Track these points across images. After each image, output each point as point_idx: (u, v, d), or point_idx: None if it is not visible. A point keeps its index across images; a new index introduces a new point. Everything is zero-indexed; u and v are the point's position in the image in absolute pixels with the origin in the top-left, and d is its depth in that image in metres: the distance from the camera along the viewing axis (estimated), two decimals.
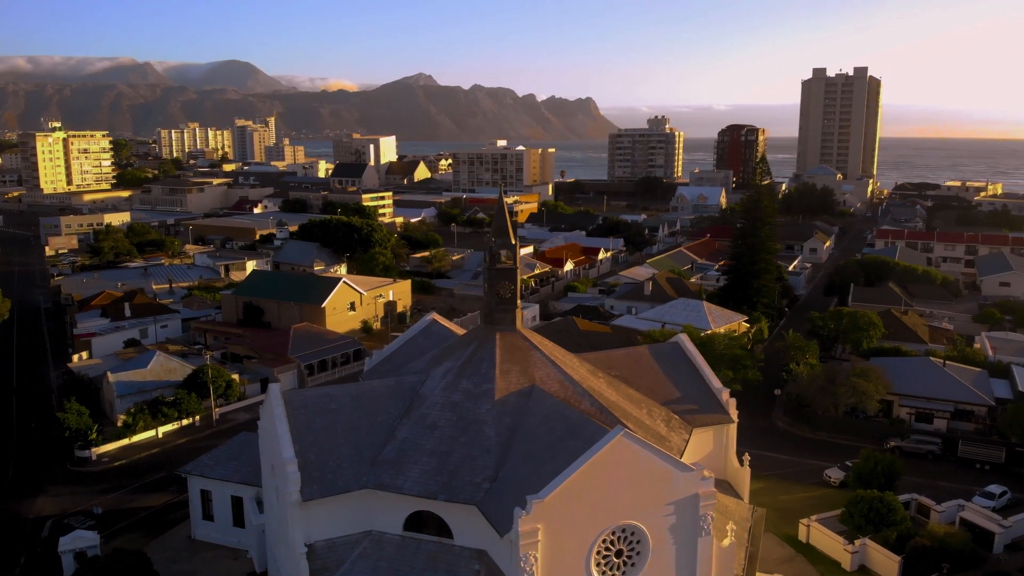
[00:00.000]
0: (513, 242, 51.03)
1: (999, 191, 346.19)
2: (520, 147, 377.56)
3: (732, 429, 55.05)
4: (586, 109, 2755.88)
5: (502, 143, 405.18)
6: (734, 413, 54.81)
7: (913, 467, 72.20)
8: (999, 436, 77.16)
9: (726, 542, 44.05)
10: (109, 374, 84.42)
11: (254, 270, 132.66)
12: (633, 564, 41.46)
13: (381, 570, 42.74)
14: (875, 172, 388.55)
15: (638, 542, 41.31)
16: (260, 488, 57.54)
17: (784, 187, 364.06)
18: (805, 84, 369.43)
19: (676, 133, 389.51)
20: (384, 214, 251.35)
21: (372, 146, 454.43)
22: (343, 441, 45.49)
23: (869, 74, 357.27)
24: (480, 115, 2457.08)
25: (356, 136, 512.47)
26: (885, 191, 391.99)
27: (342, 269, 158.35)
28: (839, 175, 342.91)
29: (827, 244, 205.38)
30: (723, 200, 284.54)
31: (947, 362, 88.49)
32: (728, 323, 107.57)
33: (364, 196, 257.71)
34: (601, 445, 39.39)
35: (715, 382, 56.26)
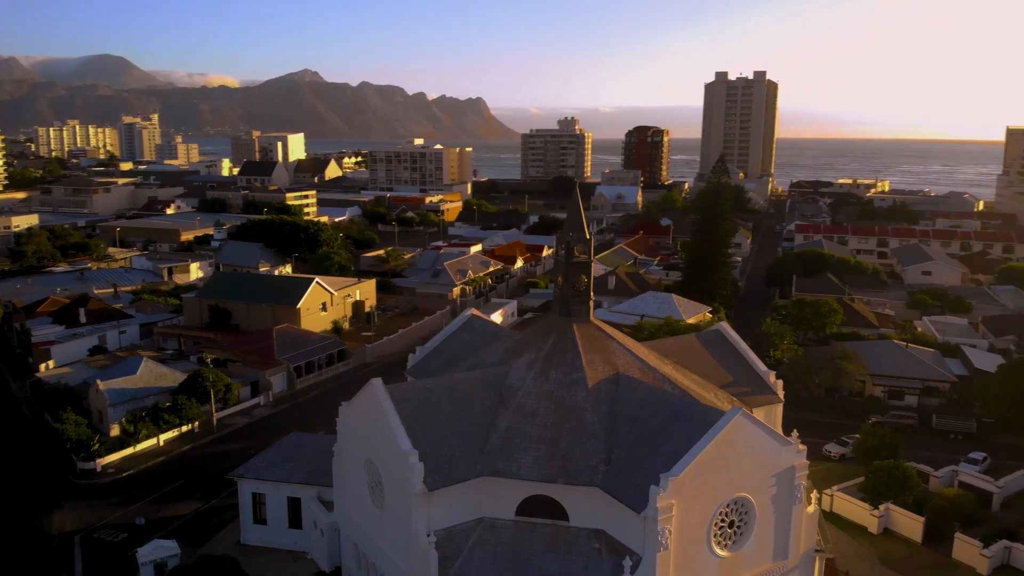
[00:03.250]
0: (588, 237, 53.08)
1: (887, 187, 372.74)
2: (438, 146, 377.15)
3: (779, 408, 58.99)
4: (477, 109, 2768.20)
5: (419, 142, 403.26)
6: (781, 394, 58.77)
7: None
8: (977, 408, 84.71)
9: (811, 509, 47.67)
10: (100, 382, 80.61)
11: (219, 271, 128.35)
12: (742, 533, 44.42)
13: (501, 555, 43.98)
14: (773, 171, 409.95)
15: (746, 512, 44.30)
16: (321, 488, 57.40)
17: (687, 186, 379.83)
18: (708, 87, 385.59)
19: (585, 134, 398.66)
20: (308, 213, 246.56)
21: (280, 144, 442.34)
22: (450, 432, 46.36)
23: (767, 78, 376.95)
24: (369, 113, 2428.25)
25: (257, 134, 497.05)
26: (780, 189, 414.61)
27: (287, 270, 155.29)
28: (741, 174, 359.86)
29: (748, 239, 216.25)
30: (639, 199, 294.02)
31: (908, 344, 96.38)
32: (696, 314, 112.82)
33: (288, 195, 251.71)
34: (723, 424, 42.09)
35: (760, 365, 60.12)
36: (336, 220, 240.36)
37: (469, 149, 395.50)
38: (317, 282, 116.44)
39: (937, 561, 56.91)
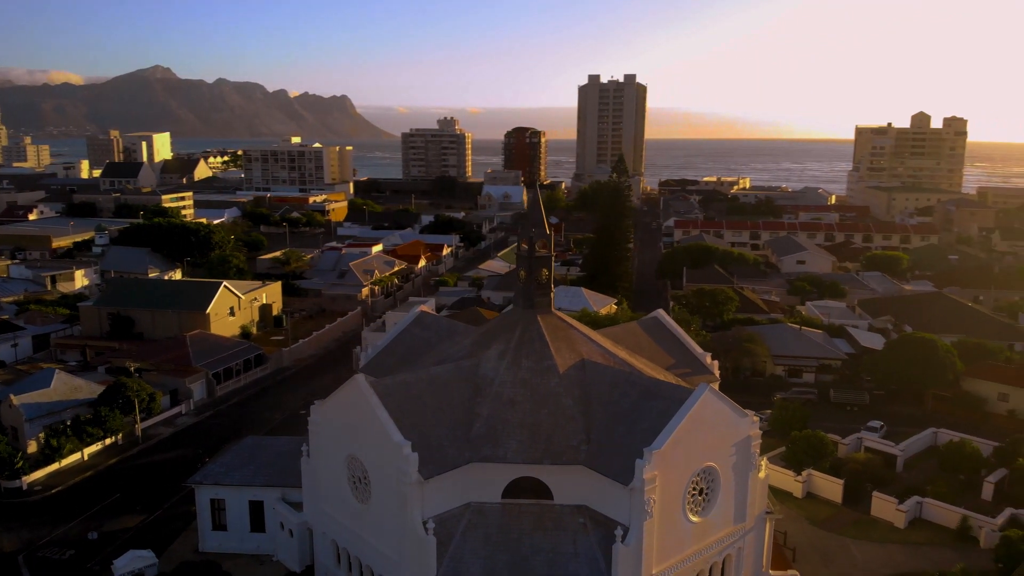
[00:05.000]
0: (548, 232, 55.85)
1: (748, 184, 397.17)
2: (317, 144, 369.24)
3: (716, 387, 63.75)
4: (342, 107, 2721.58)
5: (296, 140, 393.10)
6: (717, 373, 63.68)
7: None
8: (866, 382, 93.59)
9: (762, 475, 52.42)
10: (13, 397, 75.93)
11: (118, 278, 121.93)
12: (709, 500, 48.47)
13: (492, 537, 46.05)
14: (643, 171, 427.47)
15: (713, 480, 48.38)
16: (285, 489, 57.35)
17: (564, 186, 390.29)
18: (581, 89, 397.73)
19: (466, 134, 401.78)
20: (186, 215, 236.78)
21: (145, 143, 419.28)
22: (434, 423, 47.89)
23: (636, 81, 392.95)
24: (227, 110, 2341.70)
25: (115, 134, 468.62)
26: (650, 188, 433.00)
27: (177, 275, 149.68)
28: (613, 174, 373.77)
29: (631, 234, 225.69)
30: (524, 198, 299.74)
31: (801, 327, 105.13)
32: (604, 306, 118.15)
33: (164, 197, 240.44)
34: (695, 399, 45.92)
35: (696, 348, 64.79)
36: (215, 222, 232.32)
37: (349, 148, 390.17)
38: (225, 286, 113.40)
39: (858, 519, 63.49)
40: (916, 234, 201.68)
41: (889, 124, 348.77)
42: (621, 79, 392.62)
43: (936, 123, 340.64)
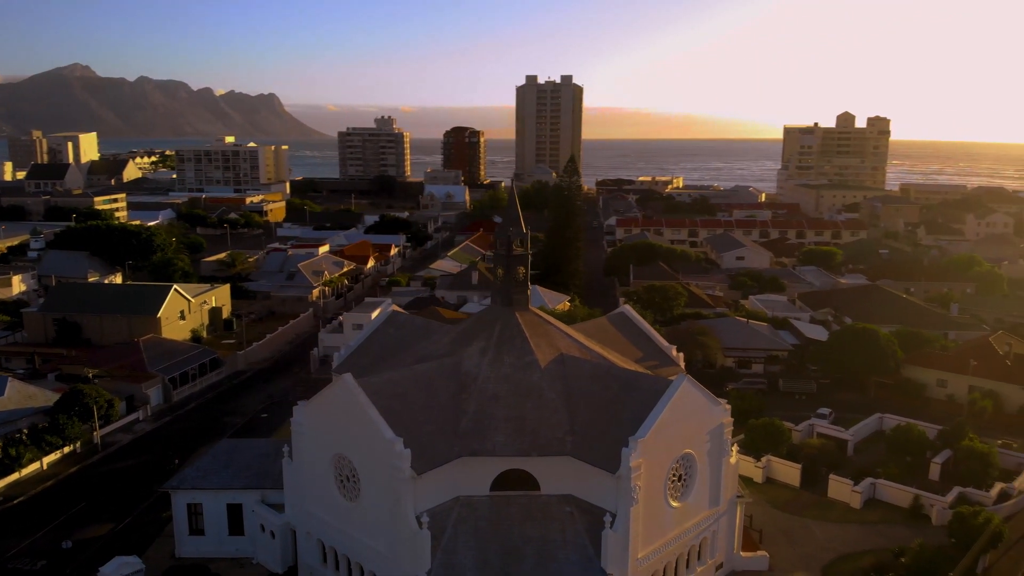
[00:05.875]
0: (525, 231, 57.25)
1: (681, 184, 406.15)
2: (252, 143, 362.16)
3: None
4: (270, 105, 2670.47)
5: (230, 139, 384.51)
6: (682, 365, 66.12)
7: None
8: (812, 372, 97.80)
9: (734, 459, 54.97)
10: None
11: (63, 283, 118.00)
12: (688, 486, 50.70)
13: (482, 529, 47.26)
14: (581, 171, 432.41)
15: (691, 466, 50.63)
16: (264, 491, 57.33)
17: (503, 185, 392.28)
18: (519, 89, 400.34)
19: (404, 133, 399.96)
20: (119, 218, 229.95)
21: (71, 144, 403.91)
22: (422, 419, 48.80)
23: (573, 81, 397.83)
24: (150, 109, 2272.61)
25: (37, 134, 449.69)
26: (587, 187, 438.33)
27: (117, 279, 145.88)
28: (554, 173, 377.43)
29: None
30: (467, 198, 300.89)
31: (748, 320, 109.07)
32: (559, 303, 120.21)
33: (96, 199, 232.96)
34: (674, 390, 48.02)
35: (662, 341, 67.13)
36: (150, 224, 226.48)
37: (285, 147, 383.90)
38: (176, 289, 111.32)
39: (816, 501, 66.75)
40: (846, 230, 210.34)
41: (816, 124, 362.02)
42: (558, 80, 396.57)
43: (860, 123, 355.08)
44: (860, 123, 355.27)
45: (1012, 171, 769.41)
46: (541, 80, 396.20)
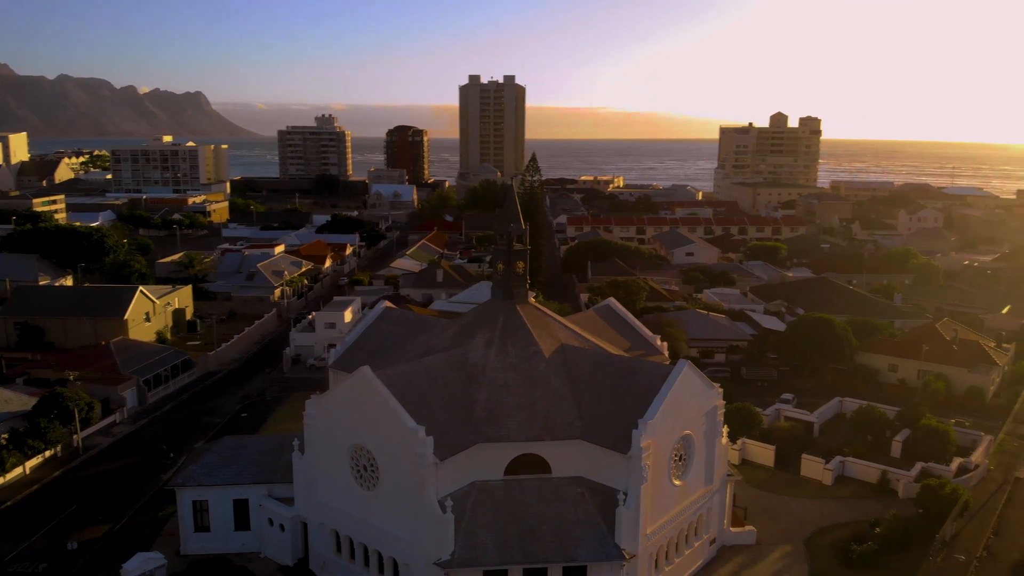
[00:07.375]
0: (524, 227, 59.57)
1: (622, 183, 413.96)
2: (191, 143, 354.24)
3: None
4: (196, 103, 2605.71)
5: (168, 139, 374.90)
6: (667, 353, 69.47)
7: None
8: (772, 360, 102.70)
9: (725, 440, 58.44)
10: None
11: (21, 286, 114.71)
12: (687, 465, 53.89)
13: (499, 511, 49.46)
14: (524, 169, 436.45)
15: (690, 446, 53.82)
16: (271, 485, 58.26)
17: (448, 184, 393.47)
18: (462, 89, 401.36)
19: (345, 132, 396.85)
20: (59, 219, 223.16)
21: (0, 144, 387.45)
22: (437, 409, 50.69)
23: (516, 82, 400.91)
24: (71, 108, 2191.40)
25: None
26: None
27: (68, 281, 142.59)
28: (499, 173, 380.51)
29: None
30: (415, 197, 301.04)
31: (708, 313, 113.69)
32: None
33: (35, 200, 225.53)
34: (677, 374, 51.10)
35: (646, 332, 70.28)
36: (91, 225, 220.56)
37: (225, 147, 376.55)
38: (141, 291, 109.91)
39: (791, 479, 70.99)
40: (786, 226, 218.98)
41: (750, 124, 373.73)
42: (501, 80, 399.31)
43: (793, 122, 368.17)
44: (793, 123, 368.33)
45: (931, 168, 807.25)
46: (484, 80, 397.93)
